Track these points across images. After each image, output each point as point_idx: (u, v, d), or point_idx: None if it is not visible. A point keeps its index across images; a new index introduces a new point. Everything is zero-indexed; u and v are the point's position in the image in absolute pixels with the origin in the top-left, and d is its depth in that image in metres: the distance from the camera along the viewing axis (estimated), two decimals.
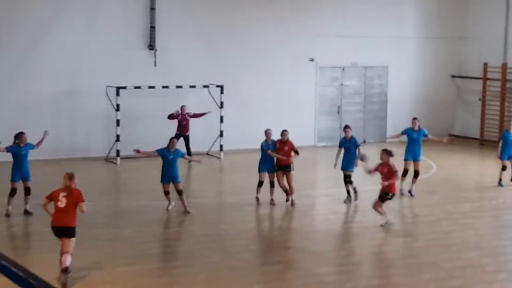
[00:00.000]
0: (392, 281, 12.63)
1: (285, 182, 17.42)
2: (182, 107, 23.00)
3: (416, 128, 19.12)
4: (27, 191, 16.22)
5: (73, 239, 11.87)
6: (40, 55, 22.81)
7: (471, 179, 21.35)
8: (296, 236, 15.80)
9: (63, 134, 22.76)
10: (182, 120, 22.90)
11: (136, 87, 23.22)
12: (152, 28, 24.05)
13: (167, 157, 16.38)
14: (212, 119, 24.08)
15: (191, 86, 24.13)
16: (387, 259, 14.02)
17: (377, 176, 16.22)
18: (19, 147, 16.13)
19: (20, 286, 3.32)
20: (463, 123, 28.89)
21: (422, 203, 18.18)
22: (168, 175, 16.39)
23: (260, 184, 17.55)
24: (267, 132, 17.86)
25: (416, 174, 18.85)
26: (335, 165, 18.16)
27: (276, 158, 17.44)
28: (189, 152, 22.38)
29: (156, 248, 14.18)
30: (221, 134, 24.24)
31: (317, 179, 21.83)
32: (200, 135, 24.45)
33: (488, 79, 27.92)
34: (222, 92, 24.19)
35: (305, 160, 18.50)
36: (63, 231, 11.84)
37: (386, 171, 15.82)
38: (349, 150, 18.13)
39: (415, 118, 19.60)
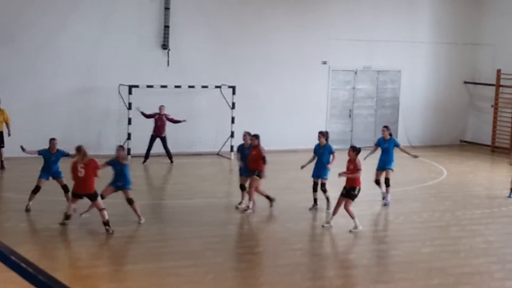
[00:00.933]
0: (400, 286, 12.61)
1: (260, 189, 17.10)
2: (161, 107, 22.56)
3: (387, 137, 18.73)
4: (65, 188, 16.28)
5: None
6: (54, 53, 22.89)
7: (481, 185, 21.28)
8: (304, 239, 15.79)
9: (75, 132, 22.82)
10: (158, 120, 22.43)
11: (148, 86, 23.27)
12: (166, 27, 24.10)
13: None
14: (223, 120, 24.10)
15: (203, 86, 24.16)
16: (396, 263, 14.00)
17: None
18: (49, 153, 16.34)
19: (30, 282, 3.34)
20: (475, 130, 28.81)
21: (432, 208, 18.14)
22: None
23: (242, 188, 17.29)
24: (244, 135, 17.47)
25: (387, 182, 18.46)
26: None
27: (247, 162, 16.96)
28: (168, 154, 22.34)
29: (163, 248, 14.20)
30: (232, 135, 24.25)
31: (328, 182, 21.75)
32: (211, 135, 24.50)
33: (501, 85, 27.84)
34: (234, 93, 24.21)
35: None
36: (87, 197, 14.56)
37: (352, 167, 15.82)
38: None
39: (385, 127, 19.19)
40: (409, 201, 19.08)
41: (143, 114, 22.41)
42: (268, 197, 17.21)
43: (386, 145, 18.58)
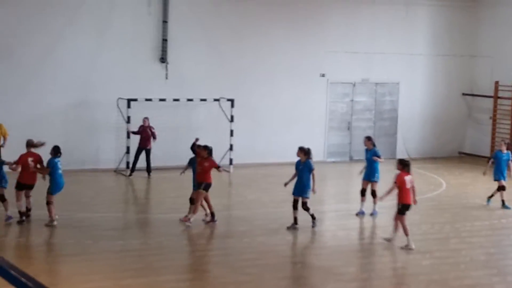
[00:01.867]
0: None
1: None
2: (144, 119, 22.50)
3: (370, 147, 18.71)
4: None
5: None
6: (51, 67, 22.89)
7: (480, 197, 21.20)
8: (304, 252, 15.77)
9: (73, 146, 22.77)
10: (143, 132, 22.38)
11: (147, 100, 23.26)
12: (164, 41, 24.12)
13: None
14: (222, 133, 24.09)
15: (202, 99, 24.15)
16: (396, 276, 13.96)
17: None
18: None
19: None
20: (474, 141, 28.80)
21: (431, 221, 18.10)
22: None
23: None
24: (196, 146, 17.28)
25: (373, 194, 18.44)
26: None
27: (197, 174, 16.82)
28: (148, 167, 22.29)
29: (163, 261, 14.15)
30: (231, 148, 24.23)
31: (326, 195, 21.76)
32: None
33: (499, 97, 27.87)
34: (232, 105, 24.21)
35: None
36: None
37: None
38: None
39: (367, 137, 19.23)
40: (408, 213, 19.01)
41: (132, 132, 22.44)
42: (212, 213, 16.90)
43: (369, 156, 18.69)
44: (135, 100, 22.99)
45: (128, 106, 22.87)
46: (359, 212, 18.36)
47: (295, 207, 16.76)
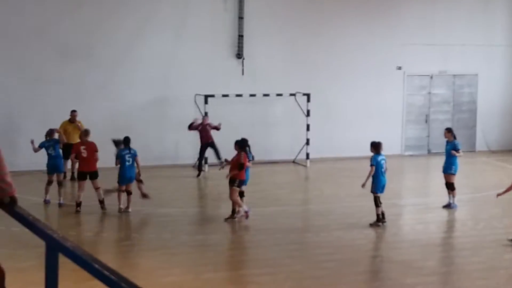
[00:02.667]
0: None
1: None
2: (204, 117, 22.45)
3: (451, 139, 18.42)
4: (60, 184, 17.61)
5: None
6: (130, 65, 23.32)
7: None
8: (382, 246, 15.69)
9: (152, 142, 23.17)
10: (202, 131, 22.15)
11: (223, 95, 23.46)
12: (240, 37, 24.29)
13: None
14: (299, 127, 24.12)
15: (277, 95, 24.23)
16: (477, 270, 13.75)
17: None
18: (47, 142, 17.87)
19: None
20: None
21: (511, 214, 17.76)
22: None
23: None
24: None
25: (450, 186, 18.14)
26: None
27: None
28: (218, 155, 22.03)
29: (242, 255, 14.29)
30: (307, 142, 24.24)
31: (403, 188, 21.60)
32: (286, 143, 24.54)
33: None
34: (308, 100, 24.21)
35: (391, 169, 18.31)
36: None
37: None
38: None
39: (447, 129, 19.03)
40: (489, 207, 18.73)
41: (189, 127, 22.28)
42: (233, 210, 16.60)
43: (448, 148, 18.39)
44: (212, 96, 23.21)
45: (206, 102, 23.10)
46: (446, 204, 18.10)
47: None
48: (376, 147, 16.59)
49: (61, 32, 22.69)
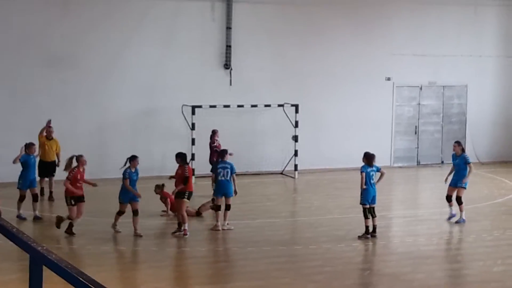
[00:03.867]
0: None
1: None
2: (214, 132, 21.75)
3: (459, 153, 18.04)
4: (35, 197, 17.48)
5: None
6: (118, 75, 23.16)
7: None
8: (371, 258, 15.54)
9: (139, 152, 22.83)
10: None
11: (211, 106, 23.32)
12: (228, 47, 24.17)
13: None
14: (287, 139, 23.98)
15: (266, 105, 24.10)
16: (467, 283, 13.62)
17: None
18: (29, 156, 17.48)
19: None
20: None
21: (503, 226, 17.63)
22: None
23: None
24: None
25: (458, 200, 17.81)
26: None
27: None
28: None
29: (230, 268, 14.10)
30: (295, 154, 24.09)
31: (393, 200, 21.47)
32: (275, 154, 24.38)
33: None
34: (297, 111, 24.08)
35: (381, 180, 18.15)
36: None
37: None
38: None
39: (456, 142, 18.58)
40: (479, 219, 18.63)
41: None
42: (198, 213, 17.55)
43: (457, 161, 18.01)
44: (200, 107, 23.06)
45: (193, 113, 22.95)
46: (450, 216, 17.88)
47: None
48: (368, 158, 16.42)
49: (48, 41, 22.51)
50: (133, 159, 16.52)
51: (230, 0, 24.13)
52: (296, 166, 24.03)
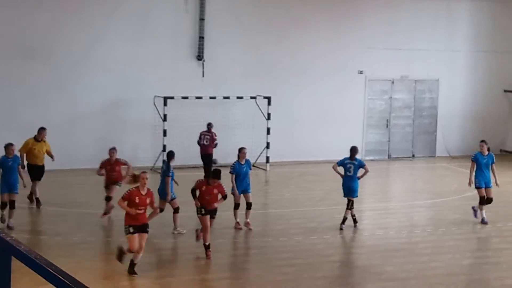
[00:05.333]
0: None
1: None
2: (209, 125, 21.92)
3: (485, 152, 17.62)
4: (12, 204, 15.74)
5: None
6: (90, 66, 23.00)
7: None
8: (342, 251, 15.62)
9: (111, 144, 22.84)
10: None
11: (183, 97, 23.26)
12: (201, 38, 24.10)
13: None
14: (259, 131, 23.99)
15: (238, 97, 24.09)
16: (436, 275, 13.72)
17: None
18: (6, 159, 15.81)
19: None
20: None
21: (473, 220, 17.78)
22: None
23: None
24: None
25: (488, 201, 17.56)
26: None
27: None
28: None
29: (200, 260, 14.09)
30: (267, 146, 24.11)
31: (364, 193, 21.53)
32: (247, 146, 24.30)
33: None
34: (269, 103, 24.10)
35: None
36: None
37: None
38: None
39: (482, 141, 18.17)
40: (449, 212, 18.80)
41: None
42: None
43: (486, 161, 17.50)
44: (172, 98, 23.00)
45: (165, 104, 22.88)
46: (482, 219, 17.43)
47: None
48: (350, 151, 16.55)
49: (20, 32, 22.29)
50: (173, 155, 16.28)
51: None
52: (267, 158, 24.05)
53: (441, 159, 26.95)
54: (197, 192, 14.01)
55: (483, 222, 17.31)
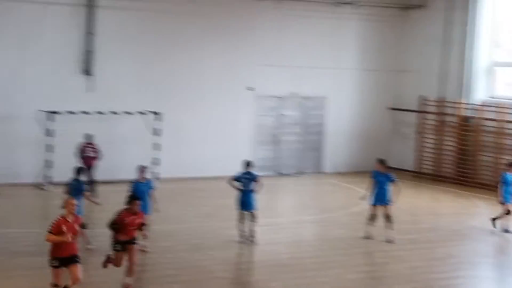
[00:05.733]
0: None
1: None
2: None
3: (382, 170, 17.91)
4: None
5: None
6: None
7: (405, 211, 21.28)
8: (229, 267, 15.50)
9: None
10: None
11: (70, 112, 22.76)
12: (89, 52, 23.68)
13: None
14: (147, 146, 23.70)
15: (126, 112, 23.75)
16: None
17: None
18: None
19: None
20: (399, 155, 28.81)
21: (357, 235, 18.00)
22: None
23: None
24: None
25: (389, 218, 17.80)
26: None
27: None
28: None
29: (86, 277, 13.67)
30: (155, 162, 23.80)
31: None
32: (134, 162, 23.94)
33: (424, 112, 28.15)
34: (158, 119, 23.85)
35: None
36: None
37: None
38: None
39: (380, 160, 18.33)
40: (334, 227, 19.00)
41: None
42: None
43: (382, 179, 17.54)
44: (57, 113, 22.47)
45: (50, 119, 22.32)
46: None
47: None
48: (245, 164, 17.09)
49: None
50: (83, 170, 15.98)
51: (93, 5, 23.66)
52: (157, 174, 23.75)
53: (328, 175, 27.29)
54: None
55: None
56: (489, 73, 27.28)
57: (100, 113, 23.34)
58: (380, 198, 17.46)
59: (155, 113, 23.92)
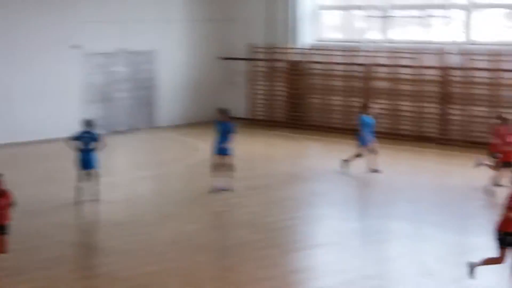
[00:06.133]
0: (167, 266, 12.41)
1: None
2: None
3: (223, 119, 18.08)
4: None
5: None
6: None
7: (241, 158, 21.48)
8: (67, 230, 15.13)
9: None
10: None
11: None
12: None
13: None
14: None
15: None
16: (161, 244, 13.75)
17: None
18: None
19: None
20: (232, 104, 28.94)
21: (195, 186, 18.10)
22: None
23: None
24: None
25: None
26: None
27: None
28: None
29: None
30: None
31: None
32: None
33: (253, 59, 28.51)
34: None
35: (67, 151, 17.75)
36: None
37: None
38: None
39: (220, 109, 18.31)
40: (171, 181, 19.05)
41: None
42: None
43: (223, 128, 17.56)
44: None
45: None
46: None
47: None
48: (85, 123, 16.72)
49: None
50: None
51: None
52: None
53: (163, 130, 27.21)
54: None
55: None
56: (314, 17, 27.93)
57: None
58: (222, 148, 17.60)
59: None
